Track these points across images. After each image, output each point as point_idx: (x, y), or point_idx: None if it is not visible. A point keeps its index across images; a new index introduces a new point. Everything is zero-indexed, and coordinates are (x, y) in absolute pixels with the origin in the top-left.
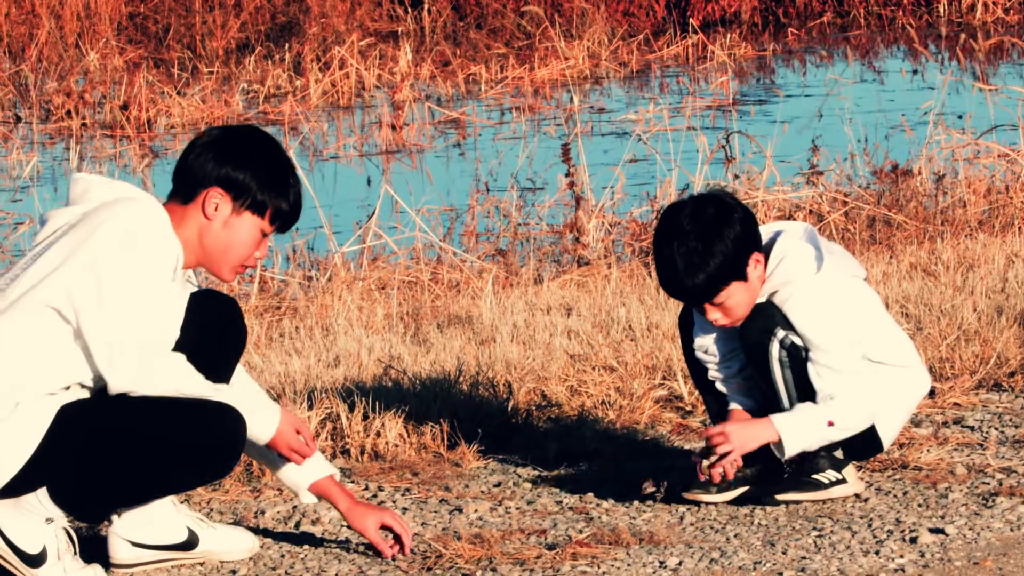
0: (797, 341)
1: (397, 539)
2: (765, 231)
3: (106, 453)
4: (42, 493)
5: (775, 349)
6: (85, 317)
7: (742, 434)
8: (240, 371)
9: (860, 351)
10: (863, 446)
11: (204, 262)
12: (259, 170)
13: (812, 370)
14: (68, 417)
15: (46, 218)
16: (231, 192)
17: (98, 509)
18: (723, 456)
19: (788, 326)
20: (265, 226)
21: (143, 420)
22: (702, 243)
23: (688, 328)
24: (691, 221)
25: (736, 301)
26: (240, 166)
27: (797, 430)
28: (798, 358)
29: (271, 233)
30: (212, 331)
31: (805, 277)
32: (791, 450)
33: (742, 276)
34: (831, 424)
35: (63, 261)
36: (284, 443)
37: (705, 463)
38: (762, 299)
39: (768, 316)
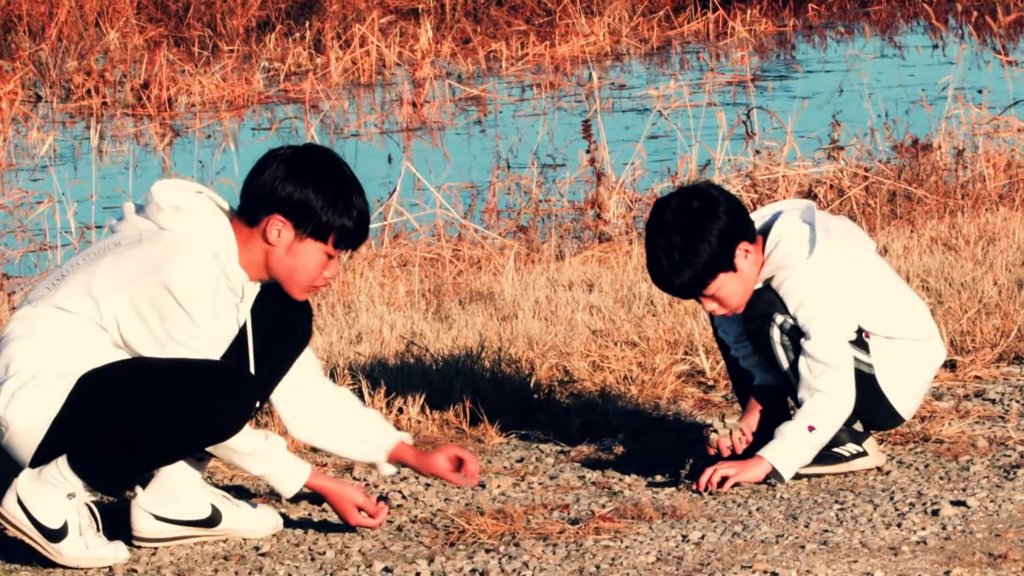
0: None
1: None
2: (766, 212)
3: (118, 415)
4: (63, 464)
5: (776, 334)
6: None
7: (739, 476)
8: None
9: (849, 333)
10: (884, 420)
11: (274, 279)
12: (320, 195)
13: (802, 361)
14: (85, 383)
15: (124, 213)
16: (292, 219)
17: (116, 476)
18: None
19: (786, 310)
20: (329, 250)
21: (154, 381)
22: (684, 240)
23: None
24: (674, 217)
25: (728, 292)
26: (302, 192)
27: (787, 454)
28: (800, 340)
29: (338, 256)
30: (278, 325)
31: (798, 262)
32: (788, 474)
33: (730, 267)
34: (812, 429)
35: (117, 288)
36: (348, 507)
37: (713, 436)
38: (760, 284)
39: (767, 302)
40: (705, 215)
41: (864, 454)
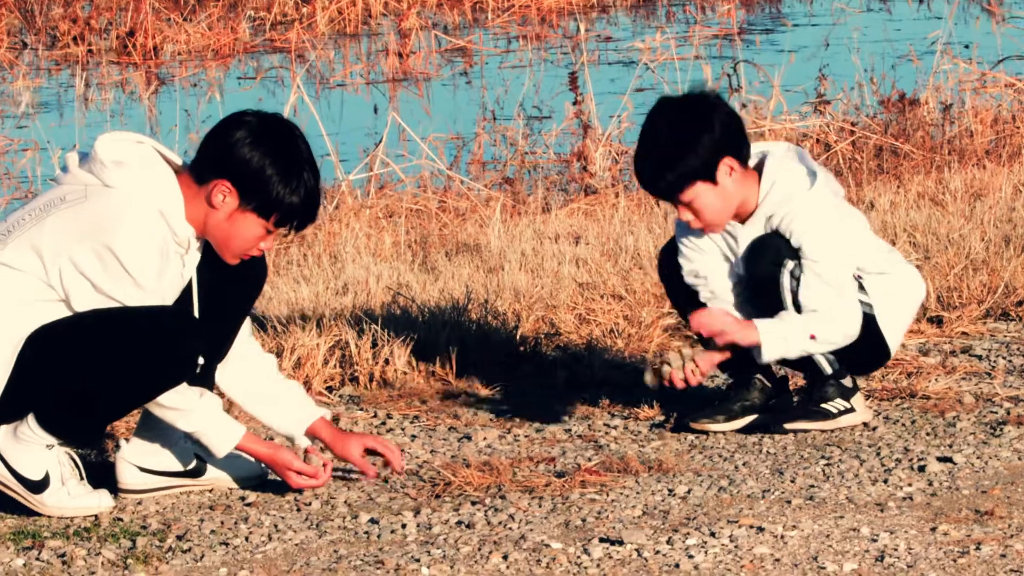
0: None
1: (388, 462)
2: (753, 151)
3: (67, 370)
4: (32, 421)
5: (786, 279)
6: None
7: (725, 321)
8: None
9: (853, 264)
10: (874, 358)
11: (208, 239)
12: (273, 174)
13: (806, 281)
14: (33, 341)
15: (68, 165)
16: (239, 189)
17: (79, 429)
18: (702, 341)
19: (796, 256)
20: (269, 226)
21: (98, 333)
22: (675, 140)
23: (671, 266)
24: (671, 116)
25: (704, 203)
26: (256, 166)
27: (778, 337)
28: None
29: (277, 232)
30: (227, 276)
31: (800, 194)
32: (768, 355)
33: (710, 178)
34: (813, 337)
35: (63, 248)
36: (284, 471)
37: (666, 368)
38: (759, 226)
39: (776, 249)
40: (700, 120)
41: (851, 410)
